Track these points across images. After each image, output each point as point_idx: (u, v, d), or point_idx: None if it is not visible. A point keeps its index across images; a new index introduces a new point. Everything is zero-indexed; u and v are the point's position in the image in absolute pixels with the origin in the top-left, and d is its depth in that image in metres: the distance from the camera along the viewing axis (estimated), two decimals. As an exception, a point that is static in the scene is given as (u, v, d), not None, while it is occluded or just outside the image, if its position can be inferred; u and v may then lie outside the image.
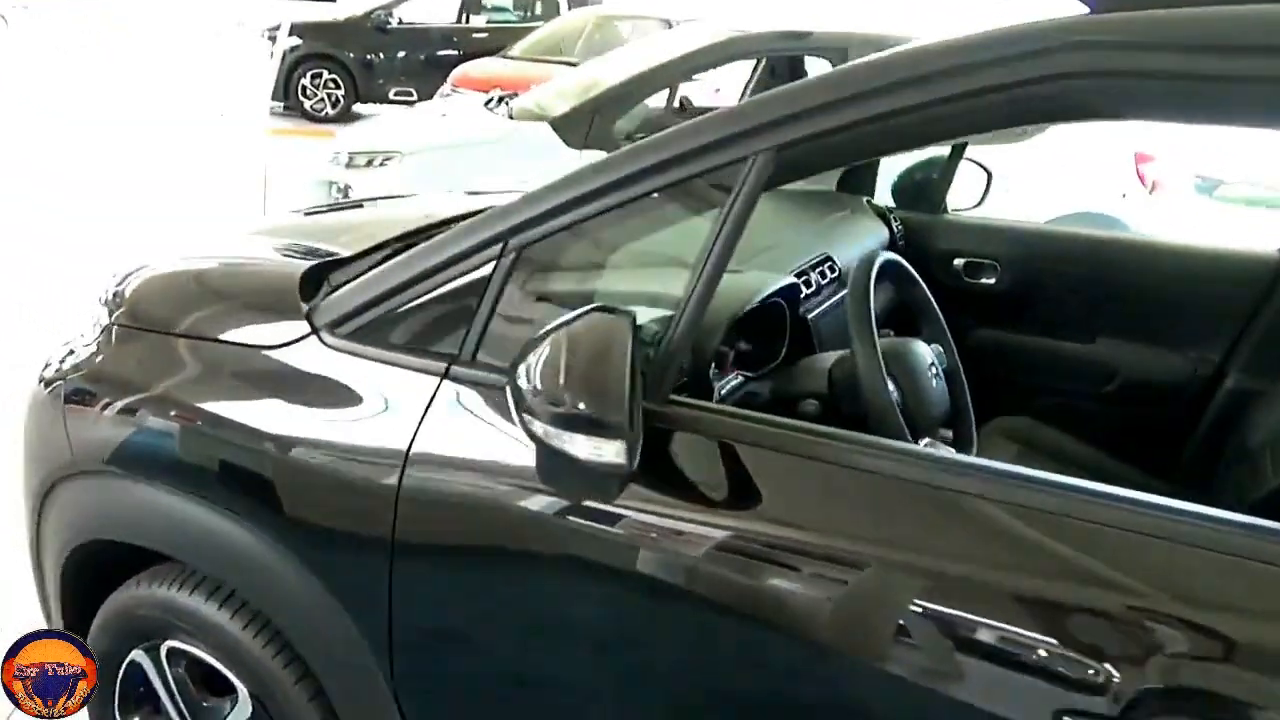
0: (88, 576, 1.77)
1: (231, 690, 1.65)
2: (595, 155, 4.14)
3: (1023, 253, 2.47)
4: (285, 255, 1.84)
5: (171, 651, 1.67)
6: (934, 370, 1.52)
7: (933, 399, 1.49)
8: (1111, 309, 2.42)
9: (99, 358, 1.67)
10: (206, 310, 1.61)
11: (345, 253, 1.70)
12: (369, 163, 4.23)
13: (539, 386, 1.10)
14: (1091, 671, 0.95)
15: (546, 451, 1.11)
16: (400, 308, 1.39)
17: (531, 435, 1.11)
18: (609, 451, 1.05)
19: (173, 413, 1.53)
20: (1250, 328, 2.29)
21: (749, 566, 1.13)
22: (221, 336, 1.54)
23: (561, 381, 1.05)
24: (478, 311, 1.32)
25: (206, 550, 1.52)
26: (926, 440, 1.47)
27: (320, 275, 1.62)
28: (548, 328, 1.13)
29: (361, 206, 2.73)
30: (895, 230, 2.49)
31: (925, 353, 1.52)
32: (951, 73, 1.06)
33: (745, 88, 5.81)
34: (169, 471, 1.53)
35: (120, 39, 8.01)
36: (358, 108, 10.97)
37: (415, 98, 10.71)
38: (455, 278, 1.35)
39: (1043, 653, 0.98)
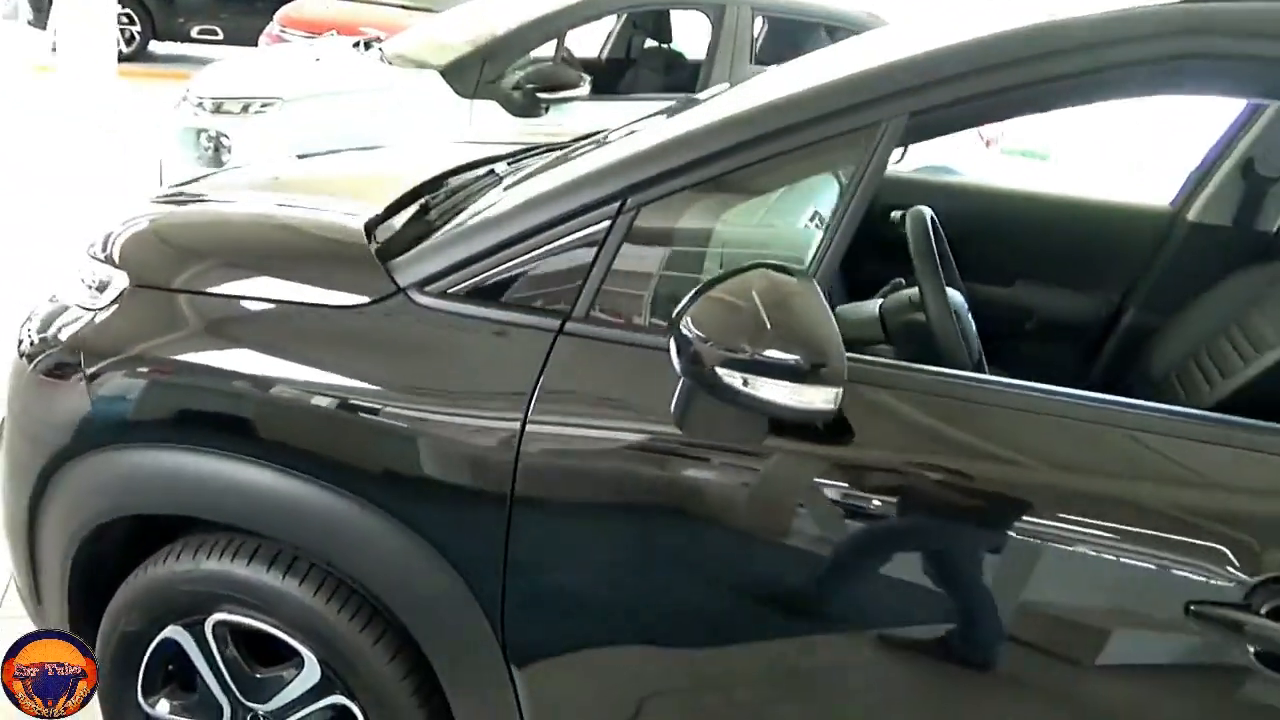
0: (107, 558, 1.66)
1: (284, 659, 1.62)
2: (484, 105, 4.13)
3: (952, 206, 2.68)
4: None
5: (217, 625, 1.60)
6: (968, 313, 1.67)
7: (973, 340, 1.65)
8: (1028, 256, 2.69)
9: (123, 324, 1.54)
10: (259, 268, 1.53)
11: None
12: (245, 109, 3.96)
13: (706, 336, 1.14)
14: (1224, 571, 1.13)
15: (719, 398, 1.16)
16: (505, 265, 1.38)
17: (708, 383, 1.16)
18: (816, 398, 1.12)
19: (239, 380, 1.45)
20: (1147, 272, 2.62)
21: (936, 509, 1.23)
22: (287, 297, 1.47)
23: (768, 332, 1.11)
24: (593, 268, 1.34)
25: (289, 519, 1.46)
26: None
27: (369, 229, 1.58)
28: (707, 283, 1.18)
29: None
30: (842, 183, 2.64)
31: (960, 299, 1.68)
32: (1077, 50, 1.19)
33: (606, 40, 5.84)
34: (239, 441, 1.46)
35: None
36: (155, 46, 10.09)
37: (220, 37, 10.00)
38: (567, 235, 1.36)
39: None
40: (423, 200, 1.78)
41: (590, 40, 5.95)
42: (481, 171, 1.99)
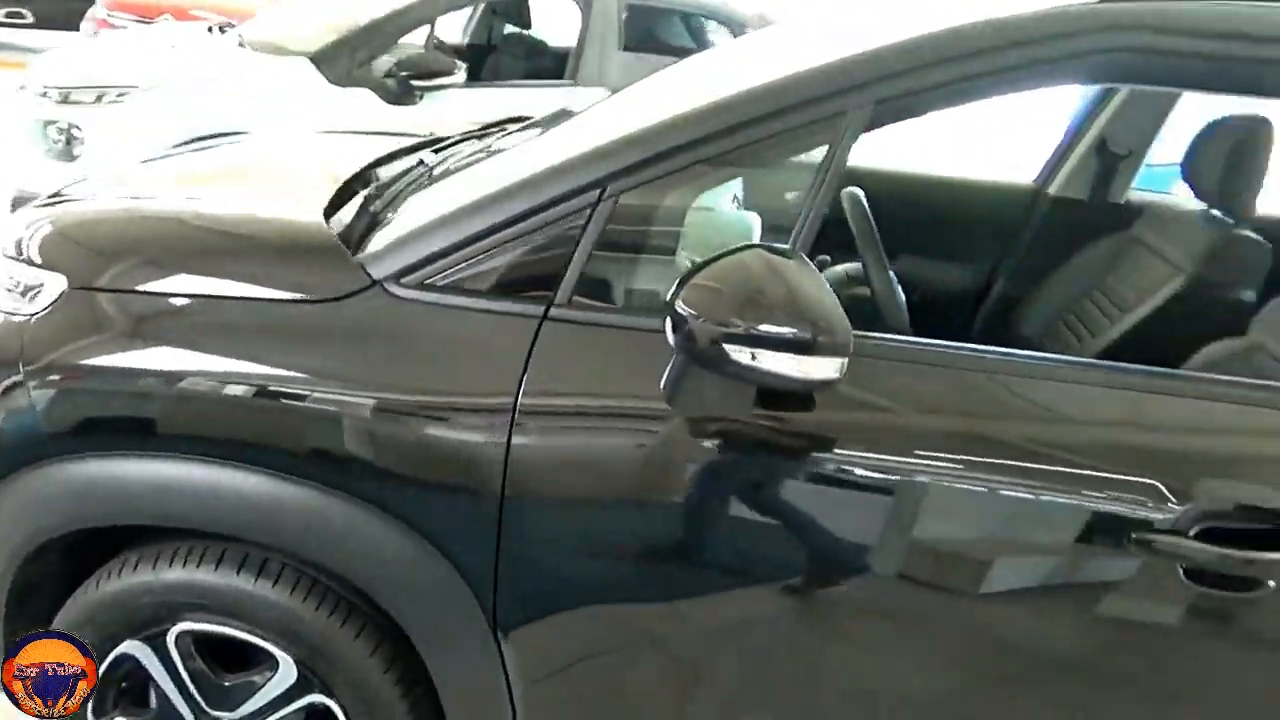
0: (44, 579, 1.59)
1: (250, 664, 1.59)
2: (357, 92, 4.03)
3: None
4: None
5: (180, 635, 1.56)
6: (899, 287, 1.80)
7: (904, 308, 1.78)
8: (908, 232, 2.86)
9: (68, 329, 1.47)
10: (216, 265, 1.49)
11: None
12: (98, 98, 3.72)
13: (702, 314, 1.20)
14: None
15: (717, 372, 1.23)
16: (485, 254, 1.40)
17: (704, 358, 1.22)
18: (822, 368, 1.20)
19: (211, 381, 1.41)
20: (1015, 243, 2.86)
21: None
22: (252, 294, 1.45)
23: (776, 308, 1.18)
24: (575, 254, 1.38)
25: (274, 521, 1.43)
26: None
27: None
28: (701, 264, 1.24)
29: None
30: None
31: (892, 274, 1.80)
32: (1016, 45, 1.32)
33: (467, 23, 5.77)
34: (213, 444, 1.42)
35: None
36: (-50, 30, 9.22)
37: (30, 20, 9.23)
38: (547, 222, 1.39)
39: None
40: (364, 191, 1.77)
41: (448, 27, 5.86)
42: (413, 161, 1.99)
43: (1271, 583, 1.25)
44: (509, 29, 5.72)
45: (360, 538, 1.42)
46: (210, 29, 4.57)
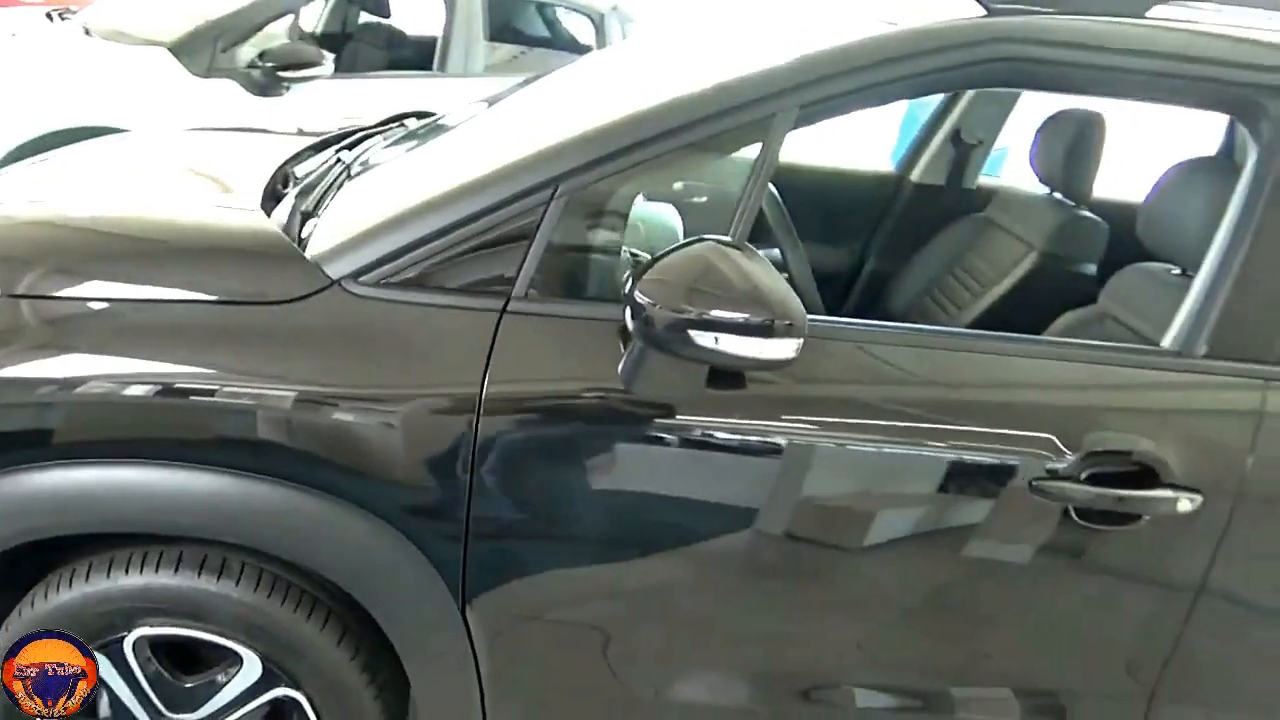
0: None
1: (211, 663, 1.61)
2: (221, 84, 3.91)
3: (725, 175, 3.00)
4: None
5: (137, 641, 1.56)
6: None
7: (817, 291, 1.94)
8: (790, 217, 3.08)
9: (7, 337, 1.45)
10: (167, 269, 1.49)
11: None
12: (-61, 94, 3.47)
13: (659, 302, 1.30)
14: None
15: (678, 356, 1.33)
16: (443, 252, 1.46)
17: (661, 343, 1.32)
18: (780, 349, 1.31)
19: (172, 386, 1.42)
20: (881, 226, 3.10)
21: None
22: (203, 296, 1.46)
23: (734, 299, 1.28)
24: (530, 251, 1.46)
25: (242, 521, 1.46)
26: None
27: None
28: (659, 256, 1.36)
29: None
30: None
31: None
32: (915, 55, 1.49)
33: (321, 12, 5.64)
34: (180, 448, 1.43)
35: None
36: None
37: None
38: (503, 221, 1.46)
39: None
40: (290, 190, 1.79)
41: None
42: (329, 157, 2.01)
43: (1146, 517, 1.48)
44: (365, 18, 5.62)
45: (332, 533, 1.47)
46: (49, 15, 4.31)
